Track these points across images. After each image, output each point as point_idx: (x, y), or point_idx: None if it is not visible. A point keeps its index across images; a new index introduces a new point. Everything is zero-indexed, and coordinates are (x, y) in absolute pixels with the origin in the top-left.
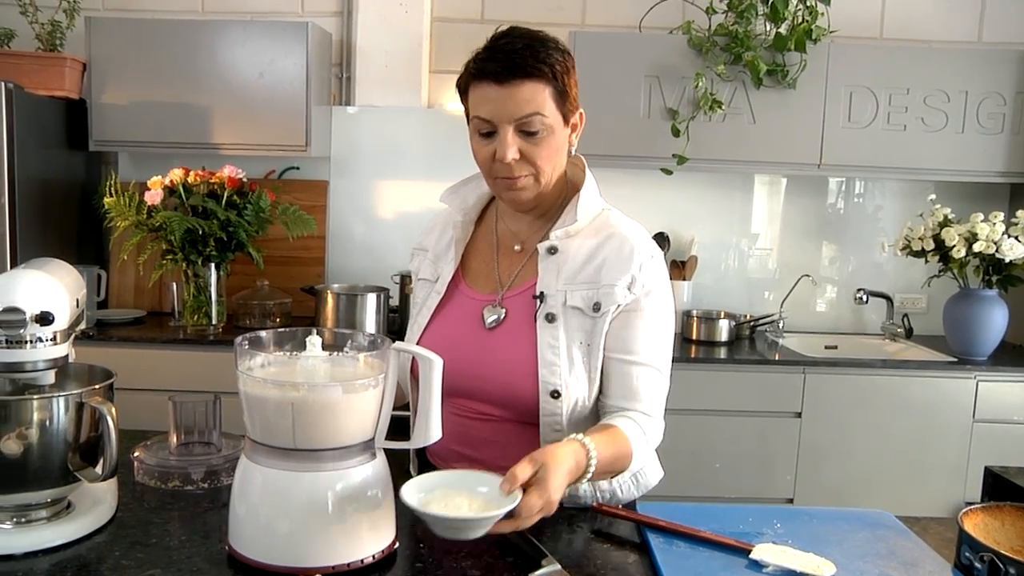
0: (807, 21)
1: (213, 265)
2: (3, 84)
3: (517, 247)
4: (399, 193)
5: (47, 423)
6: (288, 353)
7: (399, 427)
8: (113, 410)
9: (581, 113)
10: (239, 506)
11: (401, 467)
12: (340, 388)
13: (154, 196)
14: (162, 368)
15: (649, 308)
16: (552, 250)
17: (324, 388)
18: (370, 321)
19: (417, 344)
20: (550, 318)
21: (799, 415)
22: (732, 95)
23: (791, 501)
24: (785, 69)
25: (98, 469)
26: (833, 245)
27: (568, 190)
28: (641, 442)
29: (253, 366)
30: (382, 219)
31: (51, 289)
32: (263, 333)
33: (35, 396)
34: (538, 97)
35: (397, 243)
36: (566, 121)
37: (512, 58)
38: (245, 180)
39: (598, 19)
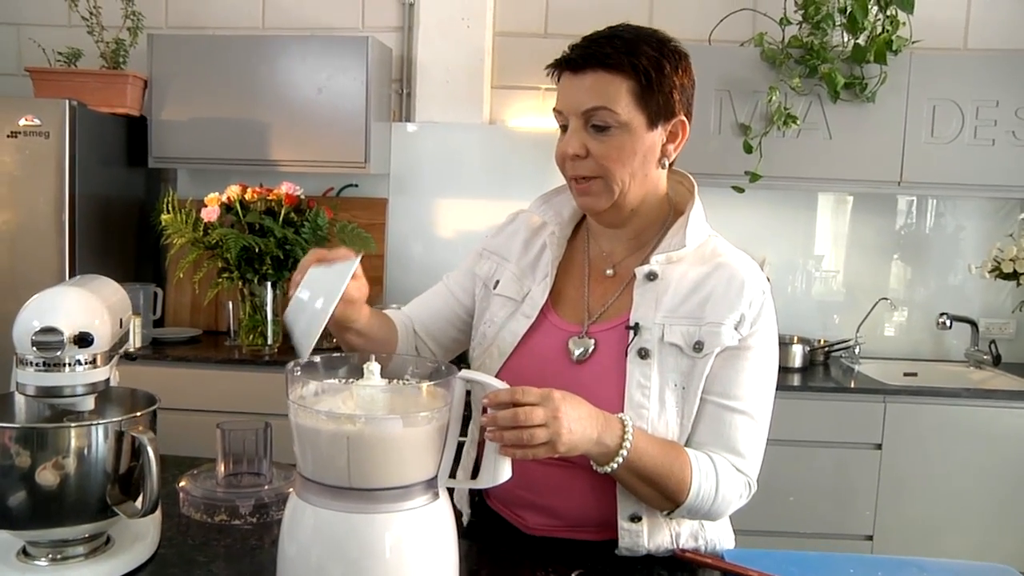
0: (887, 31)
1: (269, 284)
2: (67, 102)
3: (609, 271)
4: (460, 212)
5: (85, 453)
6: (344, 380)
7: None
8: (155, 440)
9: (683, 121)
10: (289, 547)
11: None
12: (400, 421)
13: (211, 213)
14: (217, 389)
15: (756, 349)
16: (651, 276)
17: (382, 421)
18: None
19: (500, 371)
20: (643, 354)
21: (879, 447)
22: (807, 110)
23: (870, 538)
24: (864, 82)
25: (138, 504)
26: (907, 266)
27: (671, 211)
28: (709, 480)
29: (306, 394)
30: (442, 238)
31: (92, 308)
32: (317, 358)
33: (72, 424)
34: (609, 89)
35: (457, 263)
36: (652, 124)
37: (591, 46)
38: (303, 197)
39: (666, 31)
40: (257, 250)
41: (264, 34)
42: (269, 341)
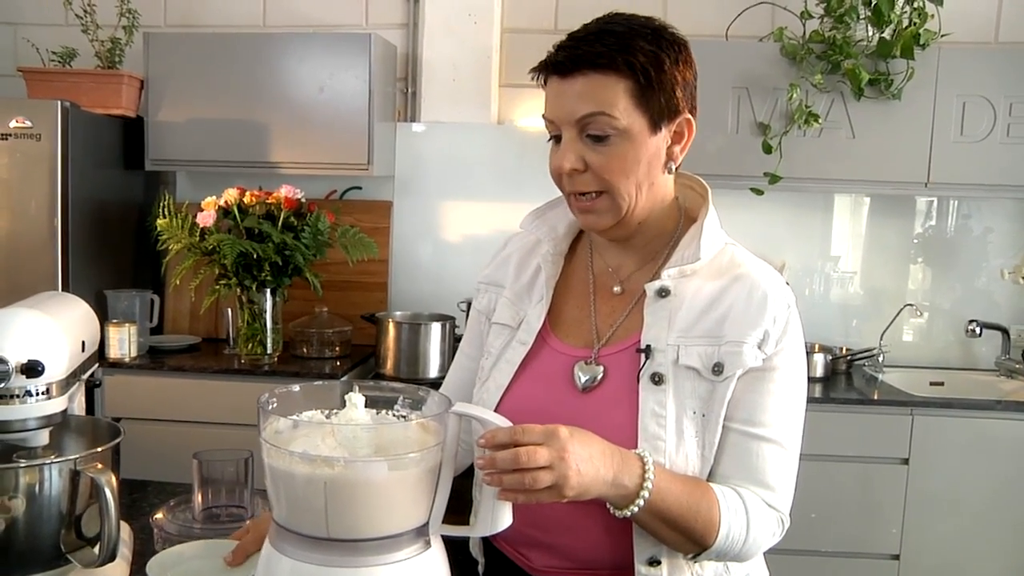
0: (915, 24)
1: (268, 291)
2: (59, 103)
3: (617, 288)
4: (467, 215)
5: (35, 494)
6: (327, 413)
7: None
8: (113, 480)
9: (688, 119)
10: None
11: (462, 549)
12: (385, 464)
13: (206, 217)
14: (214, 399)
15: (782, 369)
16: (663, 292)
17: (365, 464)
18: (434, 352)
19: (498, 406)
20: (657, 379)
21: (906, 461)
22: (829, 107)
23: (897, 558)
24: (889, 78)
25: (96, 549)
26: (931, 271)
27: (682, 219)
28: (738, 519)
29: (282, 429)
30: (449, 242)
31: (44, 332)
32: (295, 387)
33: (21, 463)
34: (605, 93)
35: (465, 268)
36: (655, 126)
37: (579, 45)
38: (303, 200)
39: (681, 27)
40: (255, 256)
41: (264, 32)
42: (268, 350)
